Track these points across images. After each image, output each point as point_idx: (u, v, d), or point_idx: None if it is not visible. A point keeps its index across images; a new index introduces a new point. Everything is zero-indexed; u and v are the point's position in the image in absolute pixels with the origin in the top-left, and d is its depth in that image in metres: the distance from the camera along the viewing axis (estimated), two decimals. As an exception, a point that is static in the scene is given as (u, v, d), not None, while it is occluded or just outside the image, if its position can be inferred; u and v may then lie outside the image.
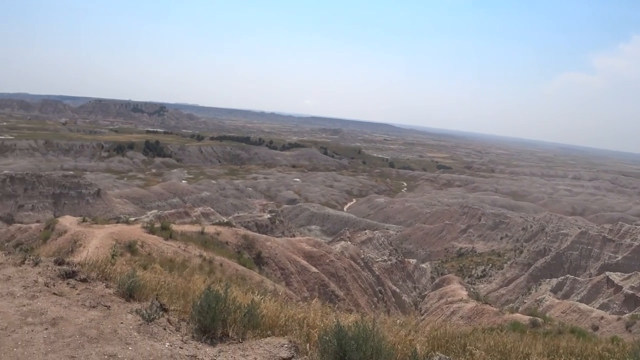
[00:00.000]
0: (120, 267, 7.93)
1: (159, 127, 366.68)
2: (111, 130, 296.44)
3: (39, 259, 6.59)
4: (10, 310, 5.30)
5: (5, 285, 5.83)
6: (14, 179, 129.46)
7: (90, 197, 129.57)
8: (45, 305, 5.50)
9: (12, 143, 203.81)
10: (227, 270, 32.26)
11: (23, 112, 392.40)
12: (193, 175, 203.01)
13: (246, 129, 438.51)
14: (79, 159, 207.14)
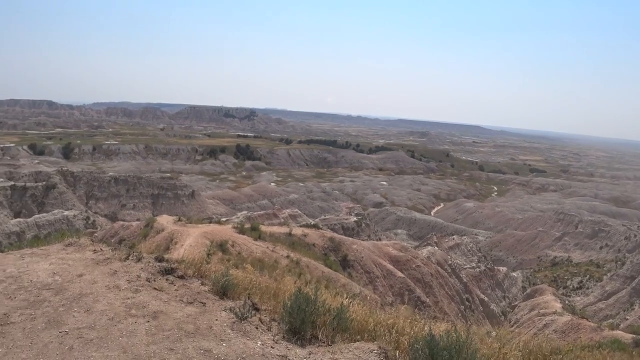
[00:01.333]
0: (214, 265, 8.24)
1: (249, 132, 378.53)
2: (205, 135, 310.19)
3: (141, 255, 7.01)
4: (117, 302, 5.69)
5: (112, 279, 6.26)
6: (118, 180, 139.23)
7: (185, 198, 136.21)
8: (147, 299, 5.84)
9: (116, 147, 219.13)
10: (314, 272, 32.58)
11: (126, 119, 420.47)
12: (281, 178, 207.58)
13: (333, 133, 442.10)
14: (175, 162, 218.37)
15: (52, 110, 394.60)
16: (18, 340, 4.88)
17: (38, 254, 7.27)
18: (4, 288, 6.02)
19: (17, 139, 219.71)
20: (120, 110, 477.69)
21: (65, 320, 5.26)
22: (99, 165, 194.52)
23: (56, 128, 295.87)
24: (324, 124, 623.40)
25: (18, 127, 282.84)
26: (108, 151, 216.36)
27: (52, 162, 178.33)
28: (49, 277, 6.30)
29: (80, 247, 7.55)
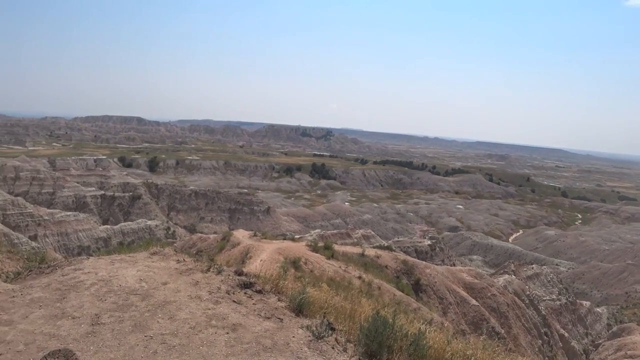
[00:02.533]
0: (290, 282, 8.32)
1: (325, 151, 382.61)
2: (282, 153, 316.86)
3: (221, 268, 7.21)
4: (198, 311, 5.87)
5: (194, 289, 6.48)
6: (198, 194, 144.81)
7: (260, 214, 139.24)
8: (227, 311, 5.98)
9: (198, 163, 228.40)
10: (385, 294, 32.10)
11: (208, 136, 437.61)
12: (356, 198, 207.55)
13: (409, 154, 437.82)
14: (252, 179, 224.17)
15: (141, 126, 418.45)
16: (107, 341, 5.16)
17: (126, 261, 7.67)
18: (95, 290, 6.38)
19: (109, 152, 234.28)
20: (202, 127, 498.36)
21: (150, 325, 5.50)
22: (181, 179, 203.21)
23: (144, 143, 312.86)
24: (400, 144, 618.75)
25: (110, 141, 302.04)
26: (190, 166, 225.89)
27: (139, 175, 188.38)
28: (136, 283, 6.62)
29: (164, 257, 7.89)
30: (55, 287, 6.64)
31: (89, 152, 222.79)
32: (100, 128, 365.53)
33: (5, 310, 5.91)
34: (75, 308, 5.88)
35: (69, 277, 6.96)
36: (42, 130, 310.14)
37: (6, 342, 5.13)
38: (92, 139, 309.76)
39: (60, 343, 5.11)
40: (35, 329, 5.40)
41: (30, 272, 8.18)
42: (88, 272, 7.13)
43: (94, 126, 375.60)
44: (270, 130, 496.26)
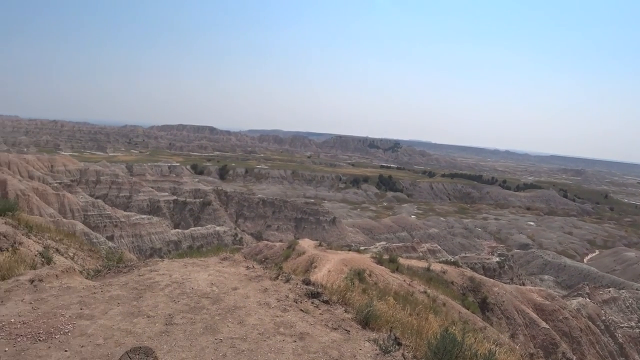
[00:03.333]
0: (357, 294, 8.29)
1: (393, 163, 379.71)
2: (349, 164, 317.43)
3: (290, 276, 7.29)
4: (266, 318, 5.97)
5: (263, 296, 6.59)
6: (265, 202, 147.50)
7: (326, 224, 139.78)
8: (294, 319, 6.04)
9: (266, 172, 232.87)
10: (450, 311, 31.30)
11: (277, 146, 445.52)
12: (422, 211, 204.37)
13: (478, 167, 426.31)
14: (319, 189, 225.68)
15: (213, 135, 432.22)
16: (179, 341, 5.34)
17: (198, 264, 7.92)
18: (169, 292, 6.63)
19: (182, 159, 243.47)
20: (272, 137, 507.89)
21: (221, 328, 5.64)
22: (250, 187, 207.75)
23: (215, 151, 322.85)
24: (469, 157, 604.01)
25: (184, 149, 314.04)
26: (259, 175, 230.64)
27: (210, 182, 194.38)
28: (207, 287, 6.82)
29: (234, 262, 8.08)
30: (132, 286, 6.95)
31: (164, 159, 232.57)
32: (175, 136, 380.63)
33: (87, 306, 6.25)
34: (150, 307, 6.13)
35: (145, 278, 7.27)
36: (121, 137, 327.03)
37: (87, 335, 5.42)
38: (167, 147, 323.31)
39: (136, 340, 5.34)
40: (114, 324, 5.68)
41: (109, 270, 8.61)
42: (163, 273, 7.42)
43: (169, 134, 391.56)
44: (338, 141, 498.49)
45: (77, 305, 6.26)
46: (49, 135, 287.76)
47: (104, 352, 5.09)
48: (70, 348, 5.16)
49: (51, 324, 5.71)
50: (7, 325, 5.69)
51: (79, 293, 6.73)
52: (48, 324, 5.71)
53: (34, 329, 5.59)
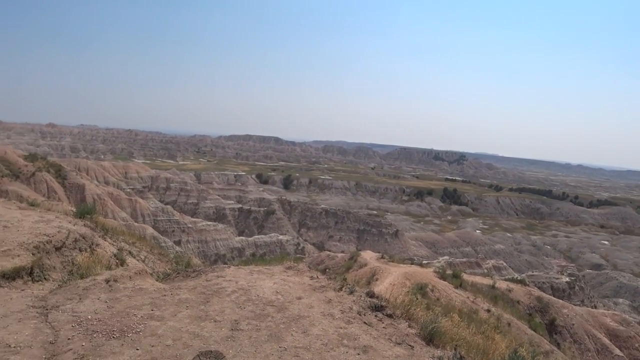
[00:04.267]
0: (421, 309, 8.15)
1: (458, 176, 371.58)
2: (413, 176, 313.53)
3: (354, 288, 7.28)
4: (330, 329, 5.98)
5: (327, 307, 6.61)
6: (328, 213, 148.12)
7: (388, 236, 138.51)
8: (358, 332, 6.01)
9: (330, 182, 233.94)
10: (515, 331, 30.13)
11: (340, 157, 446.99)
12: (488, 226, 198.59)
13: (548, 182, 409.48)
14: (382, 201, 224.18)
15: (278, 145, 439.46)
16: (245, 347, 5.44)
17: (264, 272, 8.06)
18: (236, 298, 6.78)
19: (248, 169, 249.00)
20: (336, 148, 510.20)
21: (285, 337, 5.70)
22: (313, 197, 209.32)
23: (280, 161, 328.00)
24: (539, 171, 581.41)
25: (250, 159, 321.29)
26: (322, 185, 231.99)
27: (274, 191, 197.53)
28: (272, 295, 6.92)
29: (299, 272, 8.16)
30: (200, 290, 7.17)
31: (230, 168, 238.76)
32: (241, 146, 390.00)
33: (158, 307, 6.50)
34: (217, 312, 6.30)
35: (212, 283, 7.47)
36: (191, 146, 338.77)
37: (157, 335, 5.63)
38: (234, 156, 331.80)
39: (203, 343, 5.49)
40: (182, 327, 5.87)
41: (178, 274, 8.92)
42: (229, 280, 7.60)
43: (236, 144, 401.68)
44: (402, 153, 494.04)
45: (149, 307, 6.52)
46: (124, 144, 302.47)
47: (172, 353, 5.26)
48: (141, 347, 5.37)
49: (124, 322, 5.98)
50: (85, 321, 6.01)
51: (150, 295, 7.01)
52: (121, 322, 5.98)
53: (109, 326, 5.88)
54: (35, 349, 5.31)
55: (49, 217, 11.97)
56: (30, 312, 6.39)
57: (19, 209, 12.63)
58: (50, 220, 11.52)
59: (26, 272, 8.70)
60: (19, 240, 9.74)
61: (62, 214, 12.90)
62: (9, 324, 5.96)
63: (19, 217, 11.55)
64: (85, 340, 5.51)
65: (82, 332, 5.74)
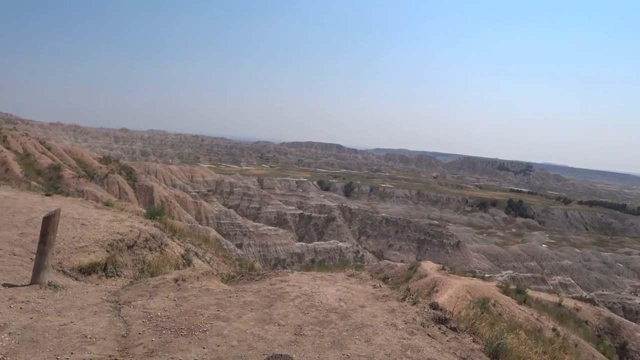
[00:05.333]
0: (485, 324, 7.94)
1: (524, 187, 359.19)
2: (476, 187, 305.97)
3: (417, 299, 7.18)
4: (393, 339, 5.92)
5: (390, 316, 6.55)
6: (388, 222, 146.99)
7: (450, 247, 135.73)
8: (422, 344, 5.92)
9: (391, 191, 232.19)
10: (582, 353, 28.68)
11: (402, 165, 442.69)
12: (554, 241, 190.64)
13: (622, 195, 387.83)
14: (444, 211, 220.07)
15: (339, 153, 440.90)
16: (308, 352, 5.48)
17: (326, 279, 8.10)
18: (299, 303, 6.85)
19: (310, 175, 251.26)
20: (397, 156, 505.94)
21: (348, 345, 5.70)
22: (374, 205, 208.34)
23: (341, 169, 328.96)
24: (611, 184, 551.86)
25: (311, 165, 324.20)
26: (383, 193, 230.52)
27: (335, 198, 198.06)
28: (335, 302, 6.94)
29: (361, 280, 8.15)
30: (264, 294, 7.29)
31: (292, 174, 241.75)
32: (304, 153, 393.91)
33: (224, 308, 6.67)
34: (281, 316, 6.38)
35: (276, 287, 7.59)
36: (254, 152, 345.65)
37: (223, 335, 5.78)
38: (296, 163, 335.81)
39: (267, 346, 5.58)
40: (247, 329, 5.99)
41: (242, 277, 9.12)
42: (293, 285, 7.70)
43: (298, 151, 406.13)
44: (466, 162, 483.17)
45: (215, 307, 6.70)
46: (191, 149, 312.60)
47: (237, 354, 5.38)
48: (207, 346, 5.52)
49: (192, 321, 6.17)
50: (154, 318, 6.25)
51: (216, 295, 7.20)
52: (189, 320, 6.18)
53: (177, 324, 6.08)
54: (108, 340, 5.58)
55: (122, 216, 12.56)
56: (105, 306, 6.71)
57: (95, 209, 13.32)
58: (123, 220, 12.08)
59: (101, 267, 9.17)
60: (95, 238, 10.27)
61: (134, 214, 13.50)
62: (86, 315, 6.29)
63: (95, 215, 12.18)
64: (154, 336, 5.73)
65: (152, 327, 5.97)
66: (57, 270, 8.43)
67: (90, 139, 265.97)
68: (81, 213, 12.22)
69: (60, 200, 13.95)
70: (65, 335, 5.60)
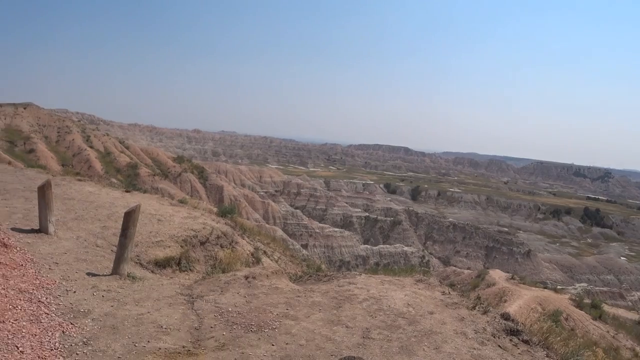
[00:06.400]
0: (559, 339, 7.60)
1: (601, 195, 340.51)
2: (549, 193, 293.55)
3: (488, 308, 6.99)
4: (463, 348, 5.80)
5: (460, 325, 6.42)
6: (456, 227, 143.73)
7: (519, 256, 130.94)
8: (492, 354, 5.76)
9: (459, 195, 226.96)
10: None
11: (471, 170, 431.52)
12: (635, 253, 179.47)
13: None
14: (514, 217, 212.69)
15: (407, 156, 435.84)
16: (375, 356, 5.47)
17: (394, 283, 8.04)
18: (367, 306, 6.85)
19: (376, 178, 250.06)
20: (467, 160, 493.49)
21: (416, 351, 5.63)
22: (441, 210, 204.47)
23: (408, 172, 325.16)
24: None
25: (378, 168, 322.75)
26: (451, 198, 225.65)
27: (401, 202, 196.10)
28: (403, 306, 6.88)
29: (429, 286, 8.03)
30: (332, 295, 7.34)
31: (359, 176, 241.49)
32: (371, 155, 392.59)
33: (292, 307, 6.78)
34: (349, 318, 6.41)
35: (344, 289, 7.62)
36: (321, 154, 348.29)
37: (291, 334, 5.88)
38: (363, 165, 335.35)
39: (335, 347, 5.62)
40: (315, 329, 6.05)
41: (310, 277, 9.22)
42: (360, 287, 7.70)
43: (365, 154, 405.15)
44: (539, 167, 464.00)
45: (284, 306, 6.82)
46: (260, 150, 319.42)
47: (305, 353, 5.45)
48: (276, 343, 5.64)
49: (261, 318, 6.31)
50: (226, 313, 6.45)
51: (285, 294, 7.33)
52: (259, 317, 6.33)
53: (247, 320, 6.25)
54: (182, 332, 5.81)
55: (195, 214, 13.02)
56: (179, 299, 7.00)
57: (170, 206, 13.89)
58: (196, 217, 12.52)
59: (175, 262, 9.55)
60: (170, 233, 10.71)
61: (207, 212, 13.97)
62: (161, 307, 6.58)
63: (170, 212, 12.70)
64: (225, 330, 5.92)
65: (223, 322, 6.17)
66: (135, 263, 8.87)
67: (165, 139, 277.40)
68: (157, 209, 12.78)
69: (139, 196, 14.65)
70: (142, 324, 5.89)
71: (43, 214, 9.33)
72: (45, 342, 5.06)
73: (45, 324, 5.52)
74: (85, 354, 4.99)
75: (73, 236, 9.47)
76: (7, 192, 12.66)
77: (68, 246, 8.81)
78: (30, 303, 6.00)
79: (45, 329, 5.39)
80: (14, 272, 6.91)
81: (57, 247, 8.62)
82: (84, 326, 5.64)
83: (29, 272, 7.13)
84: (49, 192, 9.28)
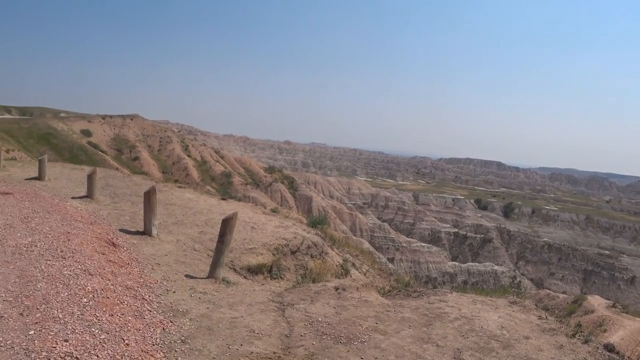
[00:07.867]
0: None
1: None
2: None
3: (590, 337, 6.55)
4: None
5: (558, 353, 6.05)
6: (551, 247, 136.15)
7: (622, 282, 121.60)
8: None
9: (555, 214, 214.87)
10: None
11: (569, 187, 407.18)
12: None
13: None
14: (617, 240, 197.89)
15: (499, 170, 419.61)
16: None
17: (487, 304, 7.76)
18: (458, 325, 6.66)
19: (466, 193, 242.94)
20: (564, 176, 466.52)
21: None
22: (535, 228, 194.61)
23: (501, 187, 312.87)
24: None
25: (469, 183, 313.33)
26: (546, 216, 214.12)
27: (492, 218, 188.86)
28: (497, 329, 6.62)
29: (524, 309, 7.67)
30: (422, 312, 7.22)
31: (449, 191, 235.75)
32: (461, 170, 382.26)
33: (382, 321, 6.74)
34: (439, 337, 6.26)
35: (435, 307, 7.46)
36: (410, 167, 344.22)
37: (381, 349, 5.84)
38: (453, 179, 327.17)
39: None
40: (405, 345, 5.97)
41: (399, 292, 9.12)
42: (452, 305, 7.50)
43: (456, 167, 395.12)
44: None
45: (373, 319, 6.80)
46: (349, 162, 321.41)
47: (394, 369, 5.39)
48: (365, 356, 5.62)
49: (350, 330, 6.33)
50: (315, 322, 6.54)
51: (374, 308, 7.30)
52: (348, 329, 6.35)
53: (337, 331, 6.29)
54: (273, 338, 5.96)
55: (287, 223, 13.35)
56: (270, 305, 7.19)
57: (263, 214, 14.35)
58: (288, 227, 12.83)
59: (267, 269, 9.84)
60: (262, 241, 11.06)
61: (298, 222, 14.27)
62: (254, 312, 6.81)
63: (263, 220, 13.12)
64: (315, 340, 5.99)
65: (312, 331, 6.25)
66: (229, 268, 9.24)
67: (257, 149, 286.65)
68: (251, 217, 13.26)
69: (234, 204, 15.27)
70: (235, 327, 6.12)
71: (147, 218, 10.02)
72: (147, 337, 5.40)
73: (148, 320, 5.89)
74: (183, 351, 5.26)
75: (173, 239, 10.06)
76: (117, 196, 13.71)
77: (169, 249, 9.37)
78: (135, 299, 6.43)
79: (148, 324, 5.75)
80: (121, 270, 7.46)
81: (159, 249, 9.20)
82: (182, 325, 5.96)
83: (134, 270, 7.66)
84: (154, 198, 9.96)
